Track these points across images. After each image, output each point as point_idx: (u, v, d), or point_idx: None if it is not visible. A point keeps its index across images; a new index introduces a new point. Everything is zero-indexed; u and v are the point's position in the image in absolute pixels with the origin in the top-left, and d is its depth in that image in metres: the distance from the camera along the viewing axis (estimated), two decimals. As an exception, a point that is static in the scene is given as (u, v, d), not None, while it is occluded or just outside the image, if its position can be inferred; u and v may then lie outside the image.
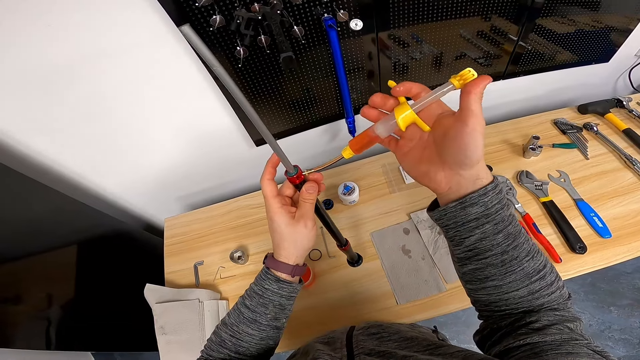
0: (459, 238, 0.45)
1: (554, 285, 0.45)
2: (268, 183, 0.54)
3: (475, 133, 0.38)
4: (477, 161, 0.41)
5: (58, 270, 1.07)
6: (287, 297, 0.56)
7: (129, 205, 1.38)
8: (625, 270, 1.92)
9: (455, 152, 0.41)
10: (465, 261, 0.47)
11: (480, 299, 0.48)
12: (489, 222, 0.42)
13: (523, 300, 0.45)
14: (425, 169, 0.46)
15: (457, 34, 1.05)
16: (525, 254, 0.44)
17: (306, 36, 0.90)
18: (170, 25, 0.79)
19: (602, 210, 1.11)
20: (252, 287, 0.57)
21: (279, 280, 0.55)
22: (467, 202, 0.42)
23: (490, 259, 0.44)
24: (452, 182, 0.43)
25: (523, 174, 1.23)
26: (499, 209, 0.42)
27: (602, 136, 1.30)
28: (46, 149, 1.00)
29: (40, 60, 0.79)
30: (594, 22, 1.16)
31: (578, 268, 1.02)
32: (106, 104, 0.94)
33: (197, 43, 0.32)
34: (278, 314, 0.56)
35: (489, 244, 0.43)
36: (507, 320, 0.46)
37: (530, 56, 1.21)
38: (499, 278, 0.44)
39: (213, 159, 1.29)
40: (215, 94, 1.01)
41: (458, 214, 0.43)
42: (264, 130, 0.44)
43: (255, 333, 0.55)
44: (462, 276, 0.50)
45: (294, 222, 0.54)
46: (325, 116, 1.19)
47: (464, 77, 0.38)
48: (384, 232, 1.17)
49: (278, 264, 0.55)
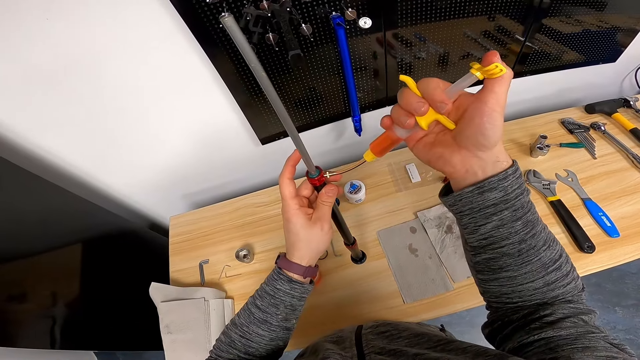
0: (473, 225, 0.43)
1: (570, 275, 0.44)
2: (288, 183, 0.52)
3: (494, 113, 0.36)
4: (496, 142, 0.39)
5: (63, 269, 1.07)
6: (299, 297, 0.56)
7: (135, 204, 1.38)
8: (630, 271, 1.91)
9: (473, 132, 0.38)
10: (479, 250, 0.45)
11: (491, 290, 0.47)
12: (507, 209, 0.40)
13: (537, 292, 0.43)
14: (439, 152, 0.43)
15: (462, 33, 1.05)
16: (542, 242, 0.42)
17: (314, 34, 0.90)
18: (179, 22, 0.79)
19: (610, 210, 1.11)
20: (264, 287, 0.56)
21: (292, 280, 0.54)
22: (486, 186, 0.40)
23: (506, 247, 0.42)
24: (468, 165, 0.41)
25: (531, 173, 1.22)
26: (518, 194, 0.40)
27: (609, 136, 1.29)
28: (53, 146, 1.01)
29: (49, 57, 0.79)
30: (601, 22, 1.16)
31: (586, 267, 1.01)
32: (113, 101, 0.95)
33: (238, 36, 0.31)
34: (289, 314, 0.56)
35: (506, 232, 0.41)
36: (520, 313, 0.44)
37: (537, 56, 1.20)
38: (514, 269, 0.42)
39: (219, 157, 1.29)
40: (221, 91, 1.01)
41: (475, 199, 0.41)
42: (292, 127, 0.43)
43: (266, 334, 0.55)
44: (474, 265, 0.48)
45: (310, 224, 0.53)
46: (331, 115, 1.19)
47: (491, 72, 0.35)
48: (390, 231, 1.16)
49: (291, 265, 0.54)
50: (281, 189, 0.52)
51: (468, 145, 0.40)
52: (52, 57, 0.79)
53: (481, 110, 0.37)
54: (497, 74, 0.35)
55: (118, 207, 1.33)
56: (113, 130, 1.03)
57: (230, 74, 0.94)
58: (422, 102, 0.38)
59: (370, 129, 1.28)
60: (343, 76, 1.04)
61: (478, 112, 0.37)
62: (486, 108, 0.36)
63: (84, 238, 1.12)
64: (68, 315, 1.06)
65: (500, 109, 0.37)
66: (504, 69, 0.34)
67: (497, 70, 0.34)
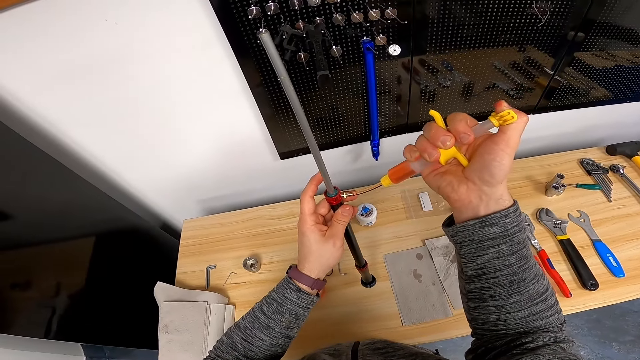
0: (472, 255, 0.46)
1: (553, 308, 0.46)
2: (309, 200, 0.56)
3: (502, 153, 0.39)
4: (500, 181, 0.41)
5: (72, 260, 1.08)
6: (304, 307, 0.58)
7: (151, 203, 1.40)
8: (632, 309, 1.91)
9: (480, 167, 0.41)
10: (473, 279, 0.47)
11: (479, 317, 0.49)
12: (505, 243, 0.43)
13: (522, 321, 0.45)
14: (449, 179, 0.46)
15: (490, 63, 1.05)
16: (532, 276, 0.45)
17: (343, 56, 0.91)
18: (219, 33, 0.81)
19: (619, 252, 1.10)
20: (272, 294, 0.59)
21: (299, 290, 0.57)
22: (488, 221, 0.42)
23: (499, 278, 0.45)
24: (472, 196, 0.43)
25: (543, 212, 1.22)
26: (517, 231, 0.43)
27: (627, 179, 1.29)
28: (83, 139, 1.03)
29: (93, 57, 0.82)
30: (635, 58, 1.14)
31: (587, 303, 1.02)
32: (144, 102, 0.97)
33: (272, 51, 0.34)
34: (292, 323, 0.58)
35: (501, 264, 0.44)
36: (503, 340, 0.46)
37: (564, 91, 1.19)
38: (504, 298, 0.45)
39: (237, 167, 1.30)
40: (248, 102, 1.02)
41: (476, 232, 0.44)
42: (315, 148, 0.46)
43: (267, 339, 0.57)
44: (466, 293, 0.50)
45: (324, 240, 0.56)
46: (351, 137, 1.20)
47: (504, 118, 0.38)
48: (397, 255, 1.17)
49: (301, 276, 0.57)
50: (302, 204, 0.56)
51: (475, 179, 0.43)
52: (95, 57, 0.82)
53: (490, 149, 0.40)
54: (509, 120, 0.38)
55: (134, 204, 1.35)
56: (140, 130, 1.06)
57: (258, 85, 0.95)
58: (449, 135, 0.40)
59: (387, 154, 1.29)
60: (367, 100, 1.05)
61: (487, 150, 0.40)
62: (496, 148, 0.39)
63: (97, 231, 1.13)
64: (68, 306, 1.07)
65: (510, 150, 0.39)
66: (515, 115, 0.37)
67: (509, 117, 0.38)
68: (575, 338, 1.85)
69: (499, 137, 0.39)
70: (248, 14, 0.77)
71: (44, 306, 1.00)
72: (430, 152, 0.42)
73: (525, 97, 1.19)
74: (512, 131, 0.39)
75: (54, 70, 0.83)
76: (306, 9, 0.79)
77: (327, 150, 1.23)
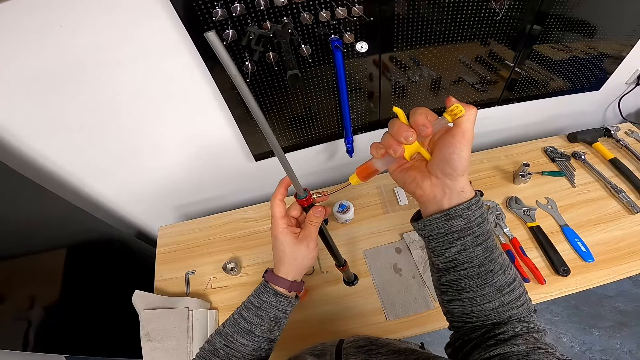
0: (440, 249, 0.47)
1: (522, 298, 0.48)
2: (278, 204, 0.56)
3: (461, 145, 0.41)
4: (462, 172, 0.43)
5: (45, 273, 1.04)
6: (283, 310, 0.58)
7: (124, 212, 1.37)
8: (607, 294, 1.97)
9: (441, 161, 0.43)
10: (444, 272, 0.49)
11: (454, 310, 0.51)
12: (470, 235, 0.45)
13: (494, 312, 0.47)
14: (413, 175, 0.48)
15: (456, 58, 1.08)
16: (499, 267, 0.46)
17: (312, 55, 0.92)
18: (185, 37, 0.81)
19: (587, 236, 1.15)
20: (250, 299, 0.59)
21: (277, 293, 0.57)
22: (452, 214, 0.44)
23: (467, 270, 0.46)
24: (436, 191, 0.46)
25: (512, 200, 1.26)
26: (479, 223, 0.45)
27: (589, 165, 1.35)
28: (46, 150, 1.00)
29: (50, 63, 0.80)
30: (589, 49, 1.20)
31: (562, 289, 1.05)
32: (110, 110, 0.95)
33: (220, 49, 0.34)
34: (273, 326, 0.58)
35: (468, 255, 0.46)
36: (478, 332, 0.48)
37: (525, 83, 1.25)
38: (474, 290, 0.47)
39: (212, 171, 1.29)
40: (219, 105, 1.02)
41: (442, 225, 0.45)
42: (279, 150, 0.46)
43: (249, 344, 0.56)
44: (439, 287, 0.52)
45: (297, 242, 0.57)
46: (324, 135, 1.21)
47: (454, 112, 0.41)
48: (376, 251, 1.18)
49: (277, 279, 0.57)
50: (272, 208, 0.57)
51: (437, 173, 0.45)
52: (53, 63, 0.80)
53: (449, 143, 0.42)
54: (458, 114, 0.41)
55: (106, 215, 1.32)
56: (107, 138, 1.03)
57: (228, 88, 0.95)
58: (411, 131, 0.42)
59: (361, 151, 1.31)
60: (338, 97, 1.06)
61: (446, 144, 0.43)
62: (453, 140, 0.42)
63: (69, 243, 1.10)
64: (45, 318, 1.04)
65: (467, 142, 0.42)
66: (463, 109, 0.41)
67: (458, 111, 0.41)
68: (557, 325, 1.91)
69: (455, 130, 0.42)
70: (213, 16, 0.76)
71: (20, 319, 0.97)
72: (395, 148, 0.44)
73: (489, 89, 1.23)
74: (466, 123, 0.41)
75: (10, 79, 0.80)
76: (273, 9, 0.80)
77: (302, 149, 1.24)
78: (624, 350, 1.80)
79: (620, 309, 1.92)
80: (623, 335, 1.84)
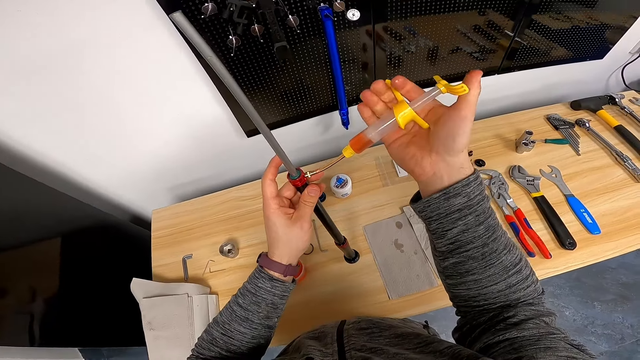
0: (441, 230, 0.46)
1: (529, 279, 0.47)
2: (269, 184, 0.54)
3: (466, 120, 0.41)
4: (463, 148, 0.43)
5: (41, 264, 1.04)
6: (280, 295, 0.56)
7: (116, 197, 1.35)
8: (610, 266, 1.96)
9: (444, 135, 0.43)
10: (447, 255, 0.48)
11: (460, 294, 0.50)
12: (471, 214, 0.44)
13: (501, 294, 0.46)
14: (412, 152, 0.47)
15: (453, 27, 1.04)
16: (502, 247, 0.45)
17: (301, 26, 0.88)
18: (160, 13, 0.77)
19: (592, 207, 1.12)
20: (245, 285, 0.57)
21: (272, 279, 0.55)
22: (451, 192, 0.43)
23: (471, 251, 0.45)
24: (436, 168, 0.45)
25: (515, 169, 1.23)
26: (480, 200, 0.44)
27: (593, 132, 1.31)
28: (30, 139, 0.98)
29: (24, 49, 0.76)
30: (590, 19, 1.16)
31: (567, 264, 1.03)
32: (92, 93, 0.92)
33: (189, 31, 0.30)
34: (270, 312, 0.57)
35: (470, 235, 0.44)
36: (486, 316, 0.47)
37: (525, 52, 1.21)
38: (479, 271, 0.46)
39: (203, 150, 1.27)
40: (205, 83, 0.98)
41: (442, 204, 0.44)
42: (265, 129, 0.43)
43: (247, 331, 0.56)
44: (443, 270, 0.51)
45: (290, 224, 0.54)
46: (318, 107, 1.18)
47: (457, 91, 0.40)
48: (376, 226, 1.16)
49: (271, 263, 0.55)
50: (263, 189, 0.54)
51: (439, 148, 0.44)
52: (28, 49, 0.77)
53: (454, 116, 0.42)
54: (460, 92, 0.40)
55: (98, 201, 1.30)
56: (92, 123, 1.00)
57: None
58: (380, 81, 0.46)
59: (357, 122, 1.27)
60: (331, 69, 1.02)
61: (451, 118, 0.42)
62: (460, 114, 0.41)
63: (63, 232, 1.09)
64: (48, 311, 1.03)
65: (471, 116, 0.41)
66: (466, 89, 0.40)
67: (461, 90, 0.40)
68: (559, 298, 1.91)
69: (460, 104, 0.41)
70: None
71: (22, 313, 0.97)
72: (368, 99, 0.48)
73: (489, 58, 1.20)
74: (472, 98, 0.41)
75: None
76: (255, -23, 0.75)
77: (296, 123, 1.21)
78: (625, 325, 1.80)
79: (622, 281, 1.91)
80: (625, 309, 1.84)
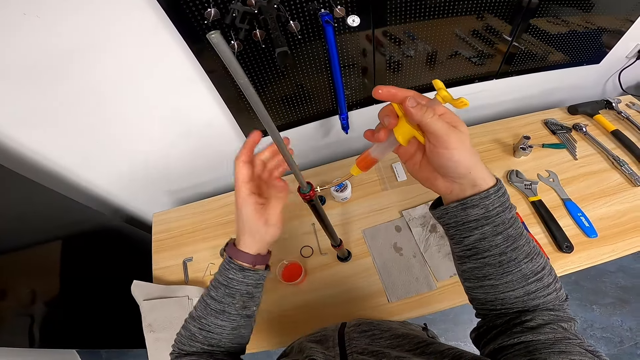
0: (458, 237, 0.46)
1: (551, 287, 0.46)
2: (243, 166, 0.51)
3: (448, 152, 0.40)
4: (465, 172, 0.41)
5: (42, 266, 1.04)
6: (254, 285, 0.54)
7: (117, 200, 1.35)
8: (608, 269, 1.96)
9: (438, 167, 0.43)
10: (464, 259, 0.47)
11: (477, 297, 0.49)
12: (488, 224, 0.43)
13: (518, 300, 0.45)
14: (426, 176, 0.46)
15: (451, 32, 1.05)
16: (524, 256, 0.44)
17: (302, 31, 0.89)
18: (163, 18, 0.77)
19: (589, 210, 1.13)
20: (217, 277, 0.54)
21: (243, 269, 0.52)
22: (468, 203, 0.43)
23: (488, 259, 0.45)
24: (451, 188, 0.44)
25: (513, 173, 1.24)
26: (499, 212, 0.42)
27: (590, 137, 1.32)
28: (30, 141, 0.98)
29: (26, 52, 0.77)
30: (587, 24, 1.17)
31: (565, 267, 1.04)
32: (92, 96, 0.92)
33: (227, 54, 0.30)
34: (247, 302, 0.55)
35: (487, 244, 0.44)
36: (503, 319, 0.46)
37: (523, 56, 1.22)
38: (496, 278, 0.45)
39: (204, 154, 1.27)
40: (206, 87, 0.99)
41: (459, 214, 0.44)
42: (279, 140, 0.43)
43: (226, 324, 0.54)
44: (461, 274, 0.50)
45: (258, 216, 0.52)
46: (318, 112, 1.18)
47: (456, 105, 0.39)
48: (375, 230, 1.17)
49: (239, 254, 0.53)
50: (236, 171, 0.51)
51: (444, 175, 0.44)
52: (29, 51, 0.77)
53: (436, 153, 0.41)
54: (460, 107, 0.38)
55: (100, 204, 1.30)
56: (93, 126, 1.01)
57: (215, 70, 0.92)
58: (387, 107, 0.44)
59: (357, 126, 1.28)
60: (331, 74, 1.03)
61: (434, 155, 0.41)
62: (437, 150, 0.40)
63: (63, 234, 1.09)
64: (48, 313, 1.04)
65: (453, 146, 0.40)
66: (467, 102, 0.37)
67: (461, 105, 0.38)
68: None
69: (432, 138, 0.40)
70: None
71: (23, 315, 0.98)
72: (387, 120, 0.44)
73: (487, 63, 1.20)
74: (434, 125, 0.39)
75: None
76: (257, -16, 0.75)
77: (296, 127, 1.21)
78: (624, 328, 1.79)
79: (621, 284, 1.91)
80: (624, 312, 1.83)
